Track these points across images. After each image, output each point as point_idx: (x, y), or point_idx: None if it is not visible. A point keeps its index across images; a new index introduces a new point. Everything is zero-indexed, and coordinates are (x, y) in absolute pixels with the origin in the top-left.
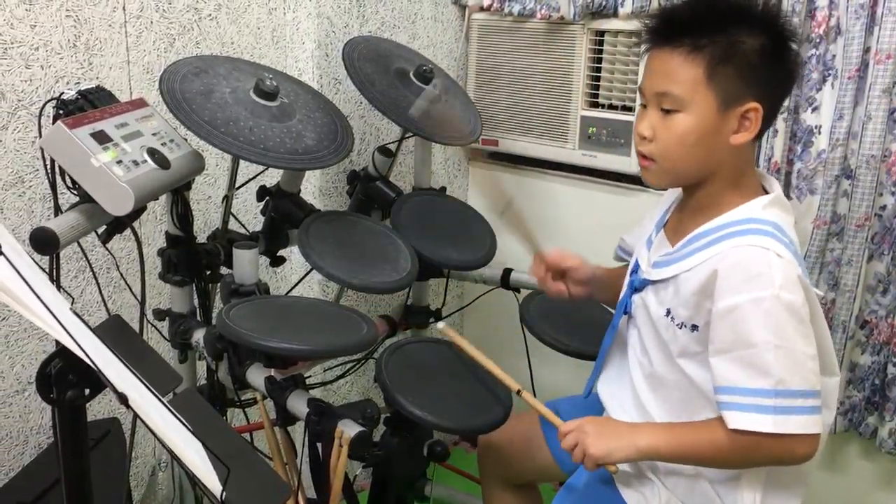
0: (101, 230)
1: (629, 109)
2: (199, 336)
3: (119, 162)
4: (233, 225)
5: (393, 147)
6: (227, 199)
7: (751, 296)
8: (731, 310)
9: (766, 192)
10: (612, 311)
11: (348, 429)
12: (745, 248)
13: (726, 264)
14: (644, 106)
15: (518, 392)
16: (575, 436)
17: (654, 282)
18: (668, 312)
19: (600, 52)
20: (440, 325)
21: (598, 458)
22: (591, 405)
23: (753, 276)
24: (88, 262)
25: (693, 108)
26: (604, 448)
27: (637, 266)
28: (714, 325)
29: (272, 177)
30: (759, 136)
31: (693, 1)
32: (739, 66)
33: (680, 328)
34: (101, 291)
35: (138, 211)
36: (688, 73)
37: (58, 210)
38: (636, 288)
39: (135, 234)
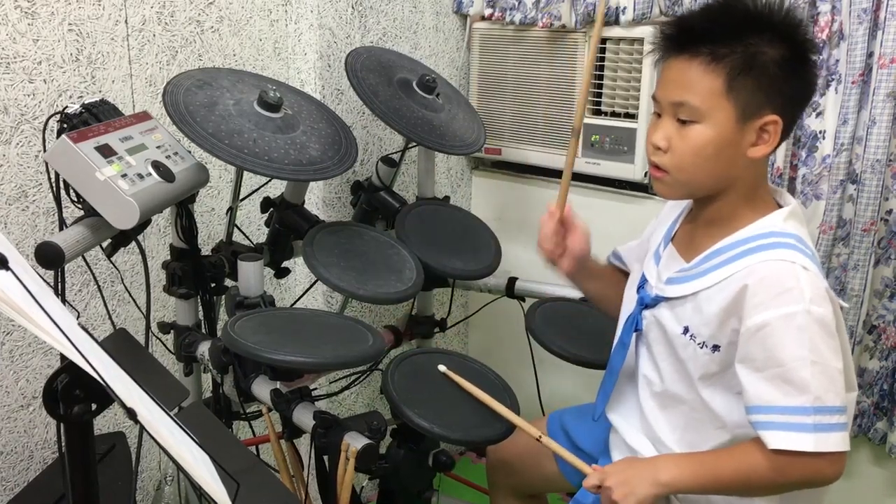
0: (105, 244)
1: (632, 116)
2: (204, 349)
3: (124, 175)
4: (237, 237)
5: (396, 157)
6: (232, 211)
7: (781, 311)
8: (761, 327)
9: (779, 205)
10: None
11: (355, 441)
12: (773, 263)
13: (754, 280)
14: (658, 115)
15: (538, 439)
16: (604, 496)
17: (668, 299)
18: (687, 330)
19: (602, 59)
20: (441, 368)
21: None
22: (599, 421)
23: (783, 292)
24: (93, 275)
25: (711, 120)
26: (633, 498)
27: (644, 280)
28: (743, 344)
29: (276, 188)
30: (775, 149)
31: (710, 8)
32: (760, 77)
33: (701, 347)
34: (105, 305)
35: (143, 224)
36: (707, 84)
37: (62, 224)
38: (647, 304)
39: (139, 247)
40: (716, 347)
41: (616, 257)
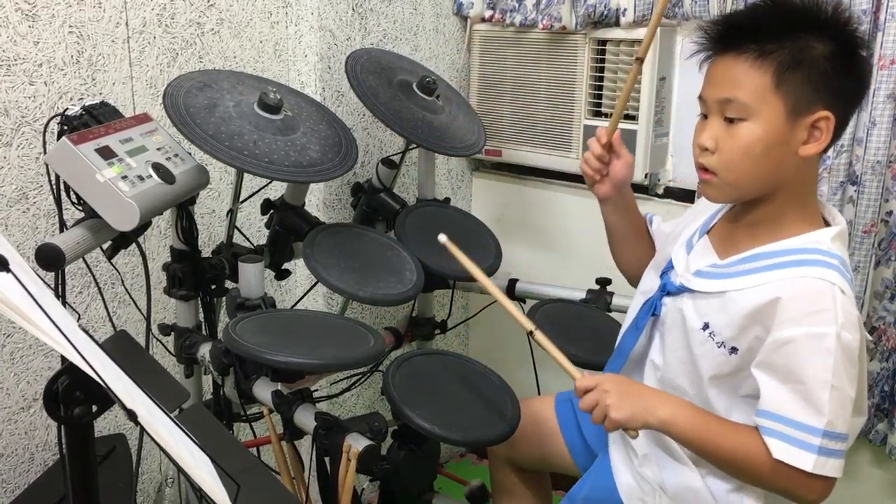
0: (106, 245)
1: (632, 118)
2: (204, 350)
3: (124, 177)
4: (237, 238)
5: (396, 158)
6: (232, 213)
7: (812, 330)
8: (788, 341)
9: (826, 222)
10: (612, 314)
11: (357, 443)
12: (812, 280)
13: (789, 293)
14: (704, 116)
15: (531, 333)
16: (595, 395)
17: (693, 291)
18: (707, 326)
19: (602, 61)
20: (441, 237)
21: (619, 421)
22: None
23: (818, 311)
24: (94, 277)
25: (760, 117)
26: (627, 411)
27: (670, 266)
28: (765, 353)
29: (276, 190)
30: (826, 150)
31: (757, 7)
32: (809, 72)
33: (719, 347)
34: (106, 307)
35: (143, 226)
36: (755, 80)
37: (63, 226)
38: (669, 291)
39: (140, 249)
40: (734, 350)
41: (650, 222)
